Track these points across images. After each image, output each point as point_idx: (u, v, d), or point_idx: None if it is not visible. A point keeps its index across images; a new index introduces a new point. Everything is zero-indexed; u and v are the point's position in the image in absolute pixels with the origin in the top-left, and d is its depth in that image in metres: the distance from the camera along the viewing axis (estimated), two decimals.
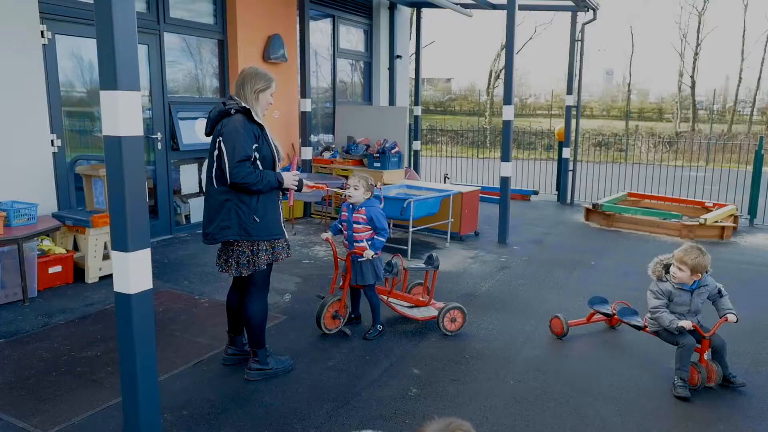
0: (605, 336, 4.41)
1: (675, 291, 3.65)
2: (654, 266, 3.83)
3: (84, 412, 3.15)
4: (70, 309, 4.70)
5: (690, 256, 3.56)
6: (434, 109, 37.36)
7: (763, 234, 8.17)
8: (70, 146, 6.02)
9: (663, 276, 3.74)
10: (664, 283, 3.72)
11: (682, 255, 3.59)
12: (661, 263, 3.79)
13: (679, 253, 3.62)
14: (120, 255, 2.49)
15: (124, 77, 2.36)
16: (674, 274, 3.64)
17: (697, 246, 3.63)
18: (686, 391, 3.48)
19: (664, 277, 3.73)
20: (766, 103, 32.64)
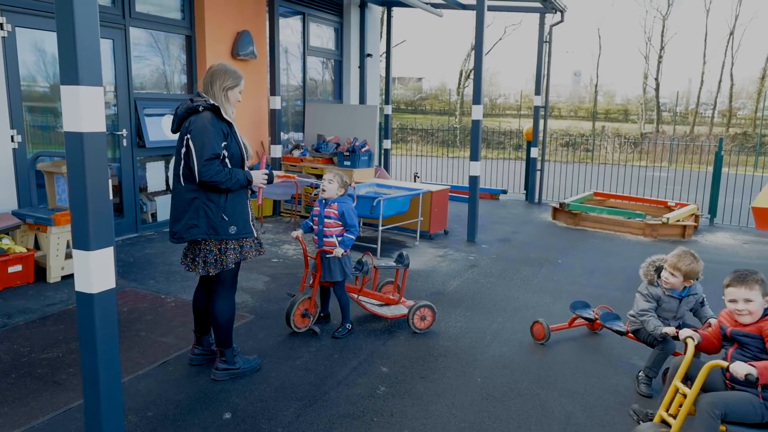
0: (574, 334, 4.49)
1: (665, 297, 3.59)
2: (646, 268, 3.73)
3: (45, 415, 3.08)
4: (31, 309, 4.58)
5: (684, 262, 3.50)
6: (405, 108, 37.46)
7: (723, 233, 8.42)
8: (31, 142, 5.86)
9: (654, 280, 3.65)
10: (655, 288, 3.63)
11: (676, 261, 3.52)
12: (653, 265, 3.70)
13: (673, 258, 3.55)
14: (81, 254, 2.44)
15: (85, 72, 2.31)
16: (666, 280, 3.56)
17: (690, 252, 3.57)
18: (649, 389, 3.54)
19: (655, 281, 3.65)
20: (727, 106, 33.58)
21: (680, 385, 2.70)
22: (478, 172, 7.32)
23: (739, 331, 2.72)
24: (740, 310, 2.69)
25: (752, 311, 2.68)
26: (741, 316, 2.70)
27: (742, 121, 33.45)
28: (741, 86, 36.10)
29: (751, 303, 2.67)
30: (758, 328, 2.66)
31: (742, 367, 2.44)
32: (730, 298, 2.72)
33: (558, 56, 43.82)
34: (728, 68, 32.67)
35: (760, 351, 2.65)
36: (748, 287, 2.68)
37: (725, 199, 9.64)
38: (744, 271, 2.77)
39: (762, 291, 2.69)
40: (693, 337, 2.85)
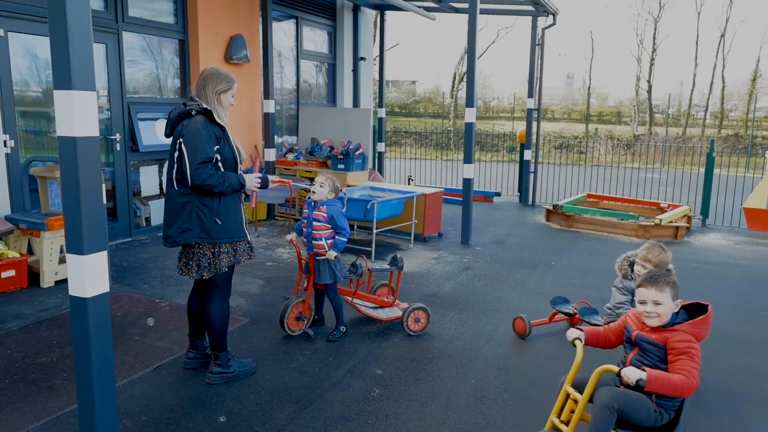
0: (564, 334, 4.50)
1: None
2: (620, 263, 3.94)
3: (39, 420, 3.07)
4: (25, 314, 4.56)
5: (653, 254, 3.67)
6: (399, 111, 37.51)
7: (715, 234, 8.47)
8: (24, 147, 5.85)
9: (629, 274, 3.86)
10: (629, 281, 3.84)
11: (646, 253, 3.68)
12: (627, 260, 3.91)
13: (643, 251, 3.71)
14: (75, 258, 2.44)
15: (78, 76, 2.32)
16: (638, 273, 3.72)
17: (659, 243, 3.74)
18: None
19: (629, 275, 3.85)
20: (719, 108, 33.81)
21: (571, 390, 2.60)
22: (471, 175, 7.35)
23: (644, 338, 2.60)
24: (648, 312, 2.55)
25: (660, 314, 2.55)
26: (649, 319, 2.57)
27: (734, 123, 33.69)
28: (732, 88, 36.39)
29: (660, 306, 2.54)
30: (664, 338, 2.53)
31: (633, 373, 2.35)
32: (640, 299, 2.60)
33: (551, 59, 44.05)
34: (719, 70, 32.97)
35: (660, 361, 2.54)
36: (658, 289, 2.54)
37: (717, 201, 9.71)
38: (657, 271, 2.67)
39: (672, 294, 2.56)
40: (581, 338, 2.72)
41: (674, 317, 2.57)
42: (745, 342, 4.42)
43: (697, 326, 2.54)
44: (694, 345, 2.46)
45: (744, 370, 3.95)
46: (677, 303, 2.57)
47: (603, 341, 2.80)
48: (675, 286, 2.58)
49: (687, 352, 2.44)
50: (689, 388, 2.37)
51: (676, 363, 2.45)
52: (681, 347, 2.45)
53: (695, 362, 2.42)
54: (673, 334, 2.50)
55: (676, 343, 2.47)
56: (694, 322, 2.54)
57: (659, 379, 2.35)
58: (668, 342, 2.50)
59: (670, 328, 2.53)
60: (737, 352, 4.24)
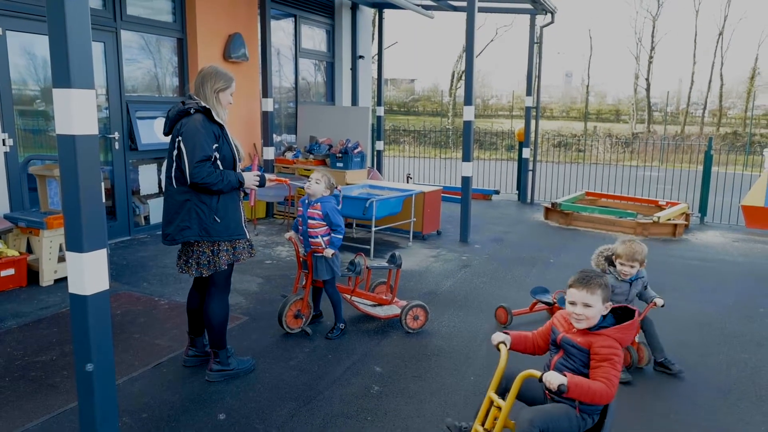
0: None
1: (616, 283, 3.81)
2: (596, 259, 3.97)
3: (39, 417, 3.08)
4: (24, 313, 4.57)
5: (638, 253, 3.71)
6: (397, 110, 37.51)
7: (713, 231, 8.49)
8: (22, 146, 5.85)
9: (606, 268, 3.89)
10: (608, 275, 3.86)
11: (632, 253, 3.71)
12: (602, 255, 3.94)
13: (627, 251, 3.73)
14: (75, 256, 2.45)
15: (77, 75, 2.32)
16: (623, 272, 3.77)
17: (636, 240, 3.79)
18: (628, 375, 3.70)
19: (607, 269, 3.88)
20: (717, 106, 33.85)
21: (495, 397, 2.47)
22: (470, 173, 7.36)
23: (569, 340, 2.50)
24: (578, 314, 2.45)
25: (589, 317, 2.44)
26: (577, 321, 2.47)
27: (733, 121, 33.72)
28: (731, 86, 36.39)
29: (590, 309, 2.44)
30: (589, 341, 2.43)
31: (555, 378, 2.25)
32: (570, 300, 2.49)
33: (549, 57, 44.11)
34: (718, 68, 32.95)
35: (584, 365, 2.45)
36: (589, 291, 2.44)
37: (715, 198, 9.73)
38: (589, 272, 2.53)
39: (603, 296, 2.46)
40: (506, 342, 2.59)
41: (602, 320, 2.49)
42: (742, 338, 4.44)
43: (623, 331, 2.45)
44: (618, 352, 2.39)
45: (741, 366, 3.97)
46: (606, 306, 2.49)
47: (531, 346, 2.69)
48: (606, 288, 2.49)
49: (610, 358, 2.36)
50: (607, 397, 2.30)
51: (597, 369, 2.37)
52: (604, 353, 2.37)
53: (616, 369, 2.35)
54: (597, 339, 2.42)
55: (600, 348, 2.39)
56: (620, 327, 2.45)
57: (579, 386, 2.27)
58: (592, 346, 2.41)
59: (596, 331, 2.45)
60: (734, 348, 4.26)
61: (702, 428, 3.18)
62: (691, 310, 5.00)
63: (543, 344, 2.67)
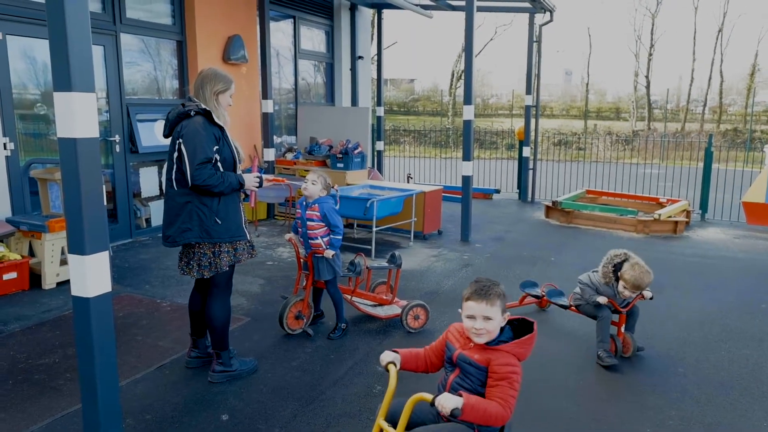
0: (561, 328, 4.53)
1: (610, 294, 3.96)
2: (605, 272, 4.00)
3: (42, 420, 3.09)
4: (27, 316, 4.59)
5: (645, 283, 3.81)
6: (397, 110, 37.52)
7: (714, 228, 8.49)
8: (23, 150, 5.87)
9: (612, 282, 3.96)
10: (608, 288, 3.97)
11: (638, 283, 3.80)
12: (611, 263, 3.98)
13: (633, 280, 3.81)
14: (77, 258, 2.46)
15: (78, 78, 2.34)
16: (622, 294, 3.90)
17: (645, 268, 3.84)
18: (612, 359, 3.81)
19: (612, 283, 3.95)
20: (717, 102, 33.83)
21: (384, 425, 2.24)
22: (470, 172, 7.36)
23: (466, 358, 2.27)
24: (478, 328, 2.22)
25: (490, 331, 2.23)
26: (478, 336, 2.24)
27: (733, 118, 33.69)
28: (731, 83, 36.38)
29: (491, 321, 2.22)
30: (487, 358, 2.23)
31: (448, 401, 2.03)
32: (469, 314, 2.25)
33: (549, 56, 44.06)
34: (718, 65, 32.93)
35: (481, 384, 2.24)
36: (489, 303, 2.22)
37: (716, 195, 9.73)
38: (486, 282, 2.30)
39: (502, 307, 2.26)
40: (395, 362, 2.36)
41: (500, 334, 2.29)
42: (743, 335, 4.44)
43: (522, 346, 2.25)
44: (517, 369, 2.20)
45: (742, 362, 3.97)
46: (505, 317, 2.29)
47: (424, 363, 2.46)
48: (504, 297, 2.29)
49: (508, 377, 2.17)
50: (502, 419, 2.12)
51: (494, 388, 2.18)
52: (503, 372, 2.18)
53: (514, 389, 2.17)
54: (496, 355, 2.22)
55: (499, 366, 2.19)
56: (519, 342, 2.25)
57: (475, 409, 2.07)
58: (491, 364, 2.21)
59: (494, 347, 2.24)
60: (735, 344, 4.26)
61: (703, 424, 3.19)
62: (693, 307, 5.01)
63: (437, 361, 2.45)
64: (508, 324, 2.33)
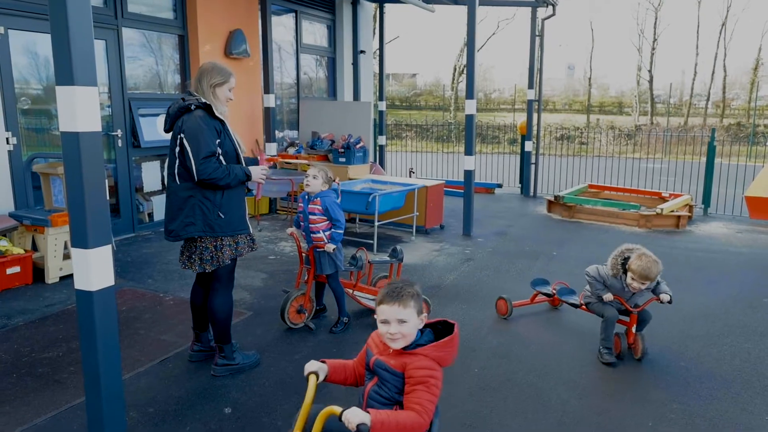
0: (566, 323, 4.54)
1: (621, 290, 3.87)
2: (613, 263, 3.90)
3: (47, 413, 3.11)
4: (30, 310, 4.60)
5: (653, 273, 3.69)
6: (399, 105, 37.47)
7: (717, 222, 8.48)
8: (26, 144, 5.88)
9: (620, 274, 3.86)
10: (617, 281, 3.88)
11: (646, 273, 3.68)
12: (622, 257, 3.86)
13: (641, 270, 3.69)
14: (80, 252, 2.47)
15: (80, 72, 2.34)
16: (632, 286, 3.77)
17: (652, 257, 3.73)
18: (612, 357, 3.79)
19: (620, 275, 3.86)
20: (720, 97, 33.71)
21: None
22: (472, 167, 7.36)
23: (382, 364, 2.13)
24: (392, 333, 2.07)
25: (405, 334, 2.09)
26: (393, 341, 2.09)
27: (736, 112, 33.59)
28: (734, 77, 36.27)
29: (405, 324, 2.08)
30: (403, 363, 2.09)
31: (354, 416, 1.90)
32: (382, 318, 2.10)
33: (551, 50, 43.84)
34: (721, 59, 32.83)
35: (398, 392, 2.10)
36: (402, 304, 2.09)
37: (719, 189, 9.71)
38: (399, 283, 2.16)
39: (417, 308, 2.12)
40: (318, 372, 2.21)
41: (419, 336, 2.16)
42: (745, 329, 4.44)
43: (442, 349, 2.11)
44: (435, 373, 2.07)
45: (744, 356, 3.97)
46: (422, 318, 2.15)
47: (352, 374, 2.30)
48: (418, 297, 2.15)
49: (425, 381, 2.04)
50: (420, 427, 2.00)
51: (411, 394, 2.04)
52: (419, 375, 2.05)
53: (432, 394, 2.04)
54: (412, 360, 2.08)
55: (415, 370, 2.06)
56: (438, 344, 2.11)
57: (386, 425, 1.94)
58: (407, 368, 2.08)
59: (411, 351, 2.10)
60: (738, 338, 4.26)
61: (705, 418, 3.19)
62: (695, 301, 5.01)
63: (364, 371, 2.28)
64: (430, 327, 2.22)
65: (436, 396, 2.05)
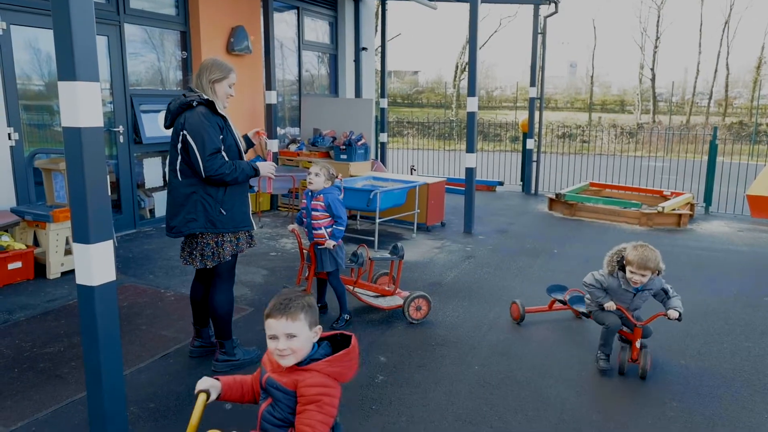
0: (566, 321, 4.54)
1: (619, 290, 3.64)
2: (609, 261, 3.73)
3: (48, 408, 3.12)
4: (32, 305, 4.61)
5: (651, 260, 3.50)
6: (401, 102, 37.44)
7: (718, 221, 8.47)
8: (28, 140, 5.88)
9: (615, 272, 3.67)
10: (613, 279, 3.67)
11: (644, 260, 3.49)
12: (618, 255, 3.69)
13: (638, 258, 3.51)
14: (82, 247, 2.47)
15: (82, 68, 2.34)
16: (633, 280, 3.57)
17: (648, 246, 3.56)
18: (607, 364, 3.62)
19: (616, 273, 3.67)
20: (723, 95, 33.64)
21: None
22: (473, 164, 7.36)
23: (273, 382, 1.98)
24: (281, 349, 1.92)
25: (296, 350, 1.92)
26: (283, 358, 1.93)
27: (739, 110, 33.52)
28: (737, 75, 36.19)
29: (295, 339, 1.92)
30: (294, 381, 1.93)
31: None
32: (271, 334, 1.94)
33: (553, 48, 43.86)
34: (724, 57, 32.74)
35: (291, 412, 1.95)
36: (290, 317, 1.93)
37: (721, 188, 9.70)
38: (288, 294, 2.00)
39: (309, 321, 1.95)
40: (210, 390, 2.08)
41: (314, 350, 1.99)
42: (746, 327, 4.45)
43: (338, 363, 1.96)
44: (329, 391, 1.91)
45: (744, 354, 3.98)
46: (316, 330, 1.99)
47: (250, 392, 2.13)
48: (311, 309, 1.98)
49: (317, 400, 1.88)
50: None
51: (302, 415, 1.89)
52: (310, 394, 1.89)
53: (325, 413, 1.88)
54: (304, 377, 1.92)
55: (306, 388, 1.91)
56: (332, 359, 1.95)
57: None
58: (298, 386, 1.92)
59: (304, 367, 1.94)
60: (738, 337, 4.27)
61: (705, 416, 3.20)
62: (696, 300, 5.01)
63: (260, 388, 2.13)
64: (327, 340, 2.06)
65: (330, 416, 1.90)
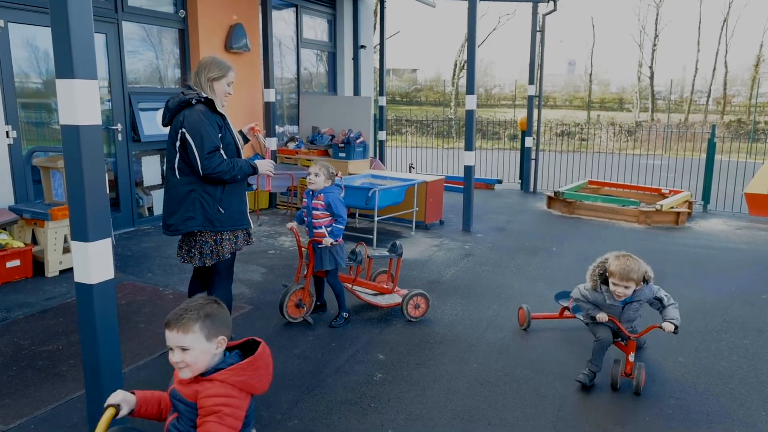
0: (565, 320, 4.54)
1: (605, 305, 3.47)
2: (591, 275, 3.57)
3: (46, 406, 3.12)
4: (30, 303, 4.61)
5: (634, 271, 3.31)
6: (400, 100, 37.42)
7: (716, 219, 8.48)
8: (26, 138, 5.88)
9: (598, 286, 3.50)
10: (598, 294, 3.50)
11: (626, 271, 3.30)
12: (600, 268, 3.52)
13: (620, 269, 3.32)
14: (80, 245, 2.48)
15: (80, 65, 2.34)
16: (616, 293, 3.38)
17: (630, 256, 3.39)
18: (587, 379, 3.42)
19: (599, 287, 3.49)
20: (721, 93, 33.66)
21: None
22: (472, 162, 7.36)
23: (176, 394, 1.91)
24: (176, 362, 1.87)
25: (190, 363, 1.86)
26: (180, 370, 1.89)
27: (737, 108, 33.54)
28: (735, 73, 36.20)
29: (189, 352, 1.85)
30: (195, 391, 1.86)
31: None
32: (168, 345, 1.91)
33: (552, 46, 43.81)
34: (722, 55, 32.79)
35: (194, 425, 1.86)
36: (182, 330, 1.85)
37: (719, 186, 9.71)
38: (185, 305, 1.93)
39: (206, 332, 1.87)
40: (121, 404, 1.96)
41: (223, 359, 1.92)
42: (743, 325, 4.46)
43: (242, 372, 1.87)
44: (230, 401, 1.83)
45: (741, 352, 3.99)
46: (218, 342, 1.90)
47: (168, 406, 2.03)
48: (207, 318, 1.88)
49: (216, 411, 1.80)
50: None
51: (201, 428, 1.81)
52: (209, 405, 1.81)
53: (226, 425, 1.79)
54: (204, 387, 1.84)
55: (205, 399, 1.83)
56: (235, 368, 1.87)
57: None
58: (198, 397, 1.85)
59: (207, 377, 1.86)
60: (735, 334, 4.28)
61: (702, 413, 3.21)
62: (694, 298, 5.02)
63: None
64: (240, 347, 1.99)
65: (233, 428, 1.81)
